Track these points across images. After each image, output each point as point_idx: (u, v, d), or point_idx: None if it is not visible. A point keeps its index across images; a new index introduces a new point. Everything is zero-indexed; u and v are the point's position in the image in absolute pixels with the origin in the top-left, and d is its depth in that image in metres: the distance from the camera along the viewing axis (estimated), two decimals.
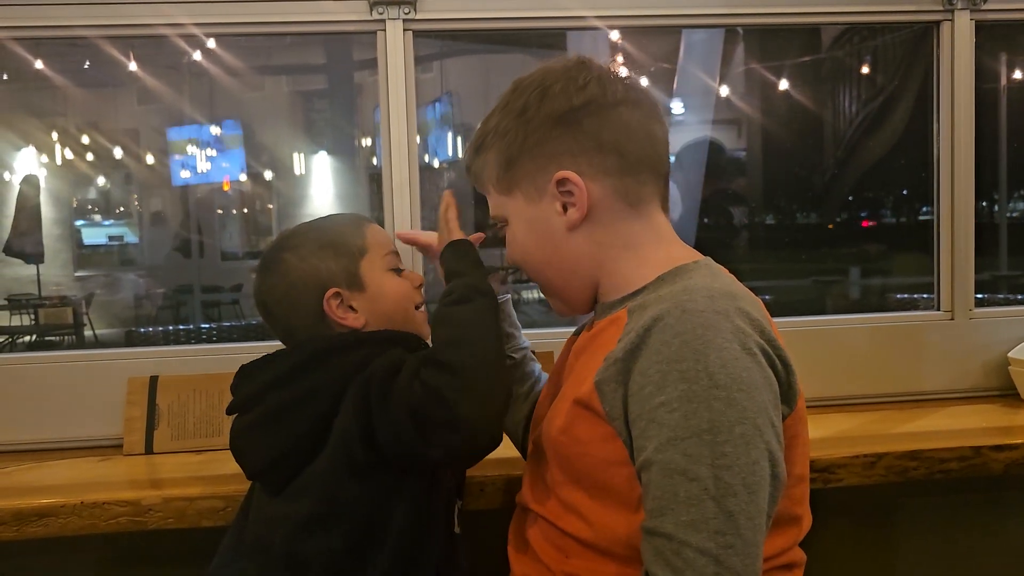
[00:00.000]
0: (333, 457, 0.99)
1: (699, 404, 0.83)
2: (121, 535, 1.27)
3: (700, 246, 1.08)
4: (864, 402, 1.72)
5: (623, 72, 1.05)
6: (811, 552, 1.01)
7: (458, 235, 1.19)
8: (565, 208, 1.01)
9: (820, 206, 5.85)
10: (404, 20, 1.60)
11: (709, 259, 1.04)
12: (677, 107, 4.92)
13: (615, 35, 2.02)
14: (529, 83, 1.04)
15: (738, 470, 0.81)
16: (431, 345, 1.03)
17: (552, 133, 1.01)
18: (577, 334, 1.13)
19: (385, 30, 1.60)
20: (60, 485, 1.35)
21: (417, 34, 1.63)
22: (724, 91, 5.08)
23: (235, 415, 1.10)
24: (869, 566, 1.52)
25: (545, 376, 1.29)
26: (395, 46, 1.61)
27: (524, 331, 1.32)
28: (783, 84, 5.37)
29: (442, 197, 1.27)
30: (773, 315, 0.97)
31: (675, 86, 4.71)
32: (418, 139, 1.66)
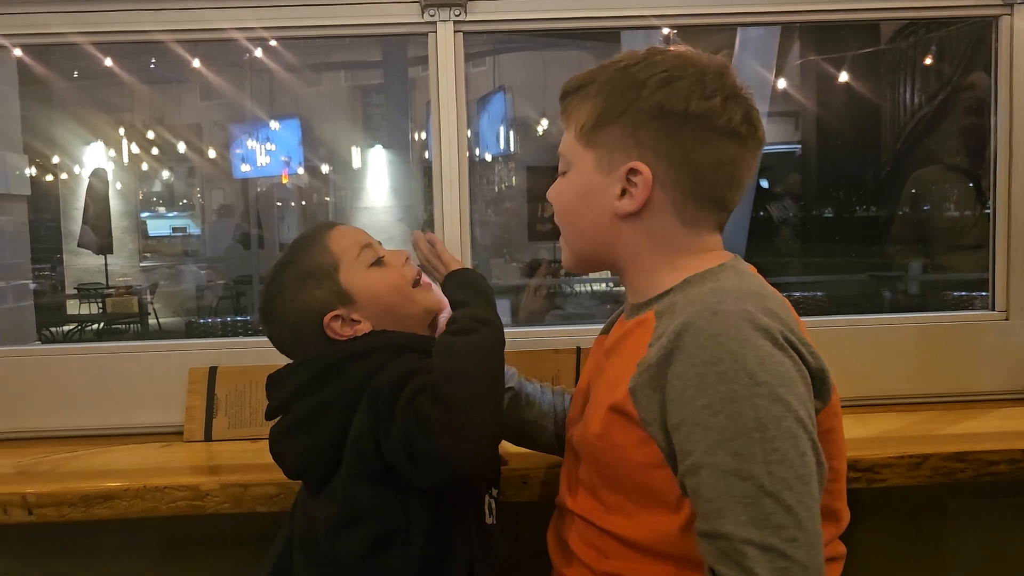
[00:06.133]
0: (349, 466, 1.01)
1: (743, 403, 0.83)
2: (181, 518, 1.32)
3: (753, 239, 1.07)
4: (915, 402, 1.70)
5: (753, 100, 1.01)
6: (854, 551, 1.01)
7: (456, 265, 1.18)
8: (623, 194, 1.00)
9: (879, 200, 5.71)
10: (455, 22, 1.63)
11: (737, 258, 1.03)
12: None
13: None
14: (661, 62, 0.99)
15: (790, 464, 0.82)
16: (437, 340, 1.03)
17: (652, 123, 0.97)
18: (606, 332, 1.13)
19: (436, 32, 1.64)
20: (124, 469, 1.40)
21: (468, 34, 1.66)
22: (780, 84, 5.01)
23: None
24: (913, 567, 1.50)
25: (539, 386, 1.29)
26: (446, 47, 1.64)
27: (577, 326, 1.31)
28: (841, 76, 5.26)
29: (415, 242, 1.27)
30: (827, 311, 0.97)
31: None
32: (468, 134, 1.68)
